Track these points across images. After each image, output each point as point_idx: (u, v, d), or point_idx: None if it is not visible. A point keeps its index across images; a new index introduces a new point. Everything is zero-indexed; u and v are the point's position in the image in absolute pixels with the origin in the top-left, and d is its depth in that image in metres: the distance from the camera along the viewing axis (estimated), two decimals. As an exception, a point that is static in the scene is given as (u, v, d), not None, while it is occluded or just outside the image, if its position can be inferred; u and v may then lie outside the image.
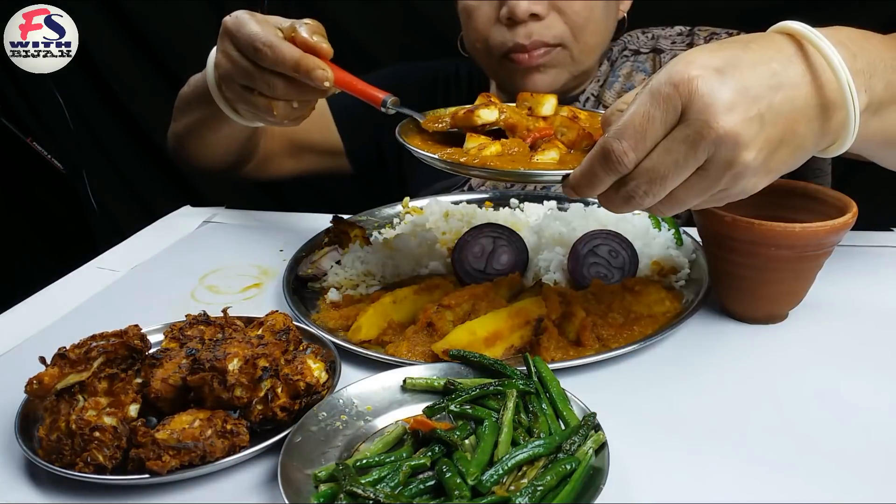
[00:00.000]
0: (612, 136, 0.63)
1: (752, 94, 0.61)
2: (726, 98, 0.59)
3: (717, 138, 0.60)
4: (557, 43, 1.25)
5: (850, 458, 0.69)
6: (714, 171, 0.62)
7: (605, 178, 0.66)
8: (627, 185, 0.65)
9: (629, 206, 0.67)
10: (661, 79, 0.61)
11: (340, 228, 1.18)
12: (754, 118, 0.60)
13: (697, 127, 0.60)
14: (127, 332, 0.74)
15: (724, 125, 0.59)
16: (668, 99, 0.61)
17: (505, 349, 0.86)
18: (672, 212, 0.69)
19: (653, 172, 0.63)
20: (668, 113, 0.61)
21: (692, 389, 0.81)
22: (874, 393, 0.79)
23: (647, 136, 0.62)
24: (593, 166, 0.66)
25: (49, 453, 0.68)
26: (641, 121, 0.62)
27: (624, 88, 1.35)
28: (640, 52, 1.37)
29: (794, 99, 0.62)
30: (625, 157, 0.63)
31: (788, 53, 0.64)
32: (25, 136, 2.32)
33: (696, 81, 0.60)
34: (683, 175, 0.63)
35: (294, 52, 0.90)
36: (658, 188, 0.64)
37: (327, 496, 0.61)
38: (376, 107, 0.95)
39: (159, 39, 2.13)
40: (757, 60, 0.62)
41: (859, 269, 1.08)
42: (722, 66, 0.61)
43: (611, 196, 0.68)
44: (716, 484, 0.66)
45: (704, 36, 1.31)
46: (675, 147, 0.62)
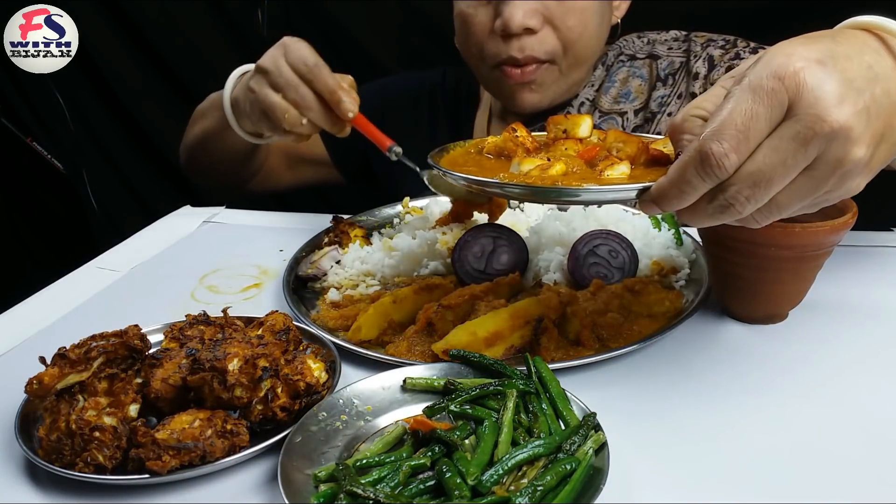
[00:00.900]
0: (710, 137, 0.58)
1: (857, 87, 0.56)
2: (835, 90, 0.55)
3: (830, 133, 0.55)
4: (548, 59, 1.26)
5: (850, 458, 0.69)
6: (823, 170, 0.58)
7: (700, 186, 0.60)
8: (726, 192, 0.59)
9: (724, 216, 0.61)
10: (762, 73, 0.57)
11: (340, 228, 1.18)
12: (862, 111, 0.56)
13: (809, 122, 0.55)
14: (127, 332, 0.74)
15: (837, 118, 0.55)
16: (774, 93, 0.56)
17: (505, 349, 0.86)
18: (768, 220, 0.63)
19: (757, 175, 0.58)
20: (773, 109, 0.56)
21: (692, 389, 0.81)
22: (874, 392, 0.79)
23: (751, 135, 0.57)
24: (685, 173, 0.60)
25: (49, 453, 0.68)
26: (744, 119, 0.56)
27: (620, 93, 1.35)
28: (636, 58, 1.36)
29: (890, 91, 0.59)
30: (726, 160, 0.57)
31: (874, 46, 0.61)
32: (25, 136, 2.33)
33: (803, 73, 0.55)
34: (790, 176, 0.58)
35: (334, 80, 1.04)
36: (762, 193, 0.59)
37: (327, 496, 0.61)
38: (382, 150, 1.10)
39: (159, 39, 2.14)
40: (851, 53, 0.58)
41: (859, 269, 1.08)
42: (823, 58, 0.56)
43: (701, 207, 0.62)
44: (715, 483, 0.66)
45: (701, 42, 1.31)
46: (783, 145, 0.57)
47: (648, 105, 1.31)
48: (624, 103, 1.34)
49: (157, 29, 2.12)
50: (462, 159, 0.88)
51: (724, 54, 1.25)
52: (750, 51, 1.24)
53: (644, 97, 1.33)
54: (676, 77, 1.30)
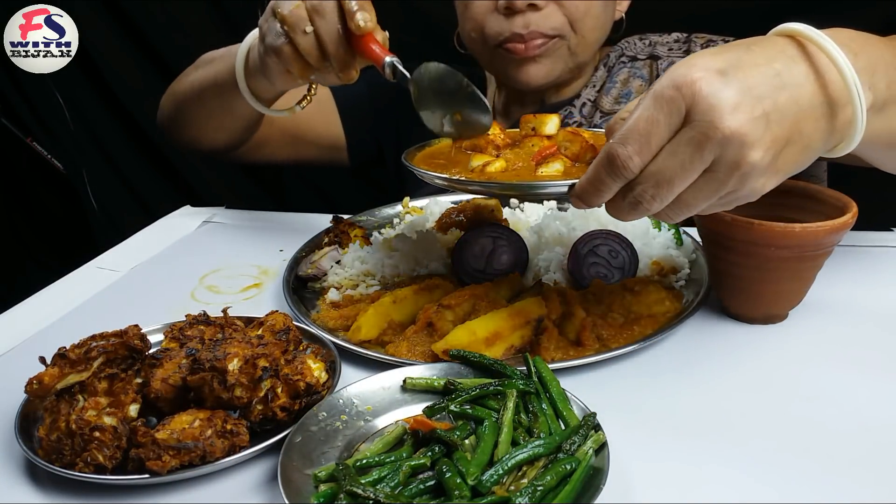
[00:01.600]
0: (617, 141, 0.63)
1: (756, 94, 0.60)
2: (730, 98, 0.59)
3: (723, 138, 0.59)
4: (556, 34, 1.24)
5: (850, 458, 0.69)
6: (721, 172, 0.62)
7: (611, 185, 0.66)
8: (634, 191, 0.65)
9: (637, 213, 0.67)
10: (664, 82, 0.61)
11: (340, 228, 1.18)
12: (759, 117, 0.60)
13: (702, 128, 0.60)
14: (127, 332, 0.74)
15: (729, 125, 0.59)
16: (672, 101, 0.60)
17: (505, 349, 0.86)
18: (680, 217, 0.68)
19: (659, 176, 0.63)
20: (671, 116, 0.61)
21: (692, 389, 0.81)
22: (874, 393, 0.79)
23: (652, 139, 0.62)
24: (599, 173, 0.66)
25: (49, 453, 0.68)
26: (645, 125, 0.62)
27: (621, 94, 1.35)
28: (637, 59, 1.36)
29: (799, 98, 0.62)
30: (630, 162, 0.63)
31: (791, 54, 0.64)
32: (25, 136, 2.33)
33: (699, 83, 0.59)
34: (690, 177, 0.63)
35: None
36: (665, 192, 0.64)
37: (327, 496, 0.61)
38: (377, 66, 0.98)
39: (159, 39, 2.13)
40: (759, 61, 0.62)
41: (859, 269, 1.08)
42: (724, 68, 0.61)
43: (618, 203, 0.68)
44: (715, 484, 0.66)
45: (701, 43, 1.31)
46: (680, 149, 0.61)
47: None
48: (625, 104, 1.34)
49: (157, 29, 2.12)
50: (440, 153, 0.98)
51: None
52: None
53: None
54: None
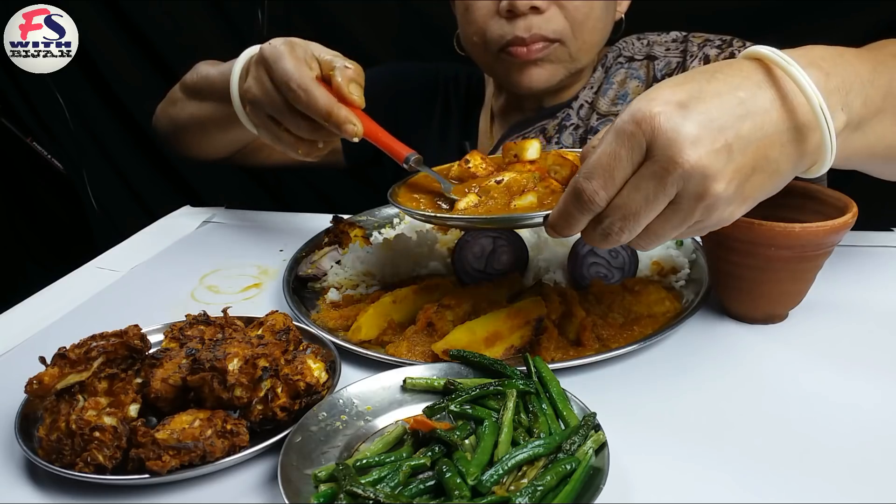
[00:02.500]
0: (583, 176, 0.64)
1: (718, 125, 0.60)
2: (690, 132, 0.59)
3: (683, 173, 0.60)
4: (556, 38, 1.24)
5: (850, 458, 0.69)
6: (686, 204, 0.62)
7: (580, 218, 0.67)
8: (602, 223, 0.66)
9: (608, 243, 0.68)
10: (625, 117, 0.62)
11: (340, 228, 1.18)
12: (721, 149, 0.60)
13: (663, 163, 0.60)
14: (127, 332, 0.74)
15: (689, 159, 0.59)
16: (632, 137, 0.61)
17: (505, 349, 0.86)
18: (652, 245, 0.68)
19: (625, 209, 0.64)
20: (633, 151, 0.61)
21: (692, 389, 0.81)
22: (874, 393, 0.79)
23: (616, 174, 0.62)
24: (567, 206, 0.67)
25: (49, 453, 0.68)
26: (608, 160, 0.62)
27: (618, 95, 1.34)
28: (634, 59, 1.36)
29: (763, 125, 0.62)
30: (596, 196, 0.64)
31: (756, 80, 0.64)
32: (25, 136, 2.33)
33: (659, 118, 0.60)
34: (656, 210, 0.63)
35: (327, 100, 0.89)
36: (632, 224, 0.64)
37: (327, 496, 0.61)
38: (398, 162, 0.94)
39: (159, 39, 2.13)
40: (722, 90, 0.62)
41: (859, 269, 1.08)
42: (685, 100, 0.61)
43: (590, 233, 0.69)
44: (715, 484, 0.66)
45: (698, 42, 1.31)
46: (643, 184, 0.62)
47: None
48: (622, 105, 1.33)
49: (157, 29, 2.12)
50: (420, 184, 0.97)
51: (719, 54, 1.25)
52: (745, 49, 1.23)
53: None
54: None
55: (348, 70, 0.93)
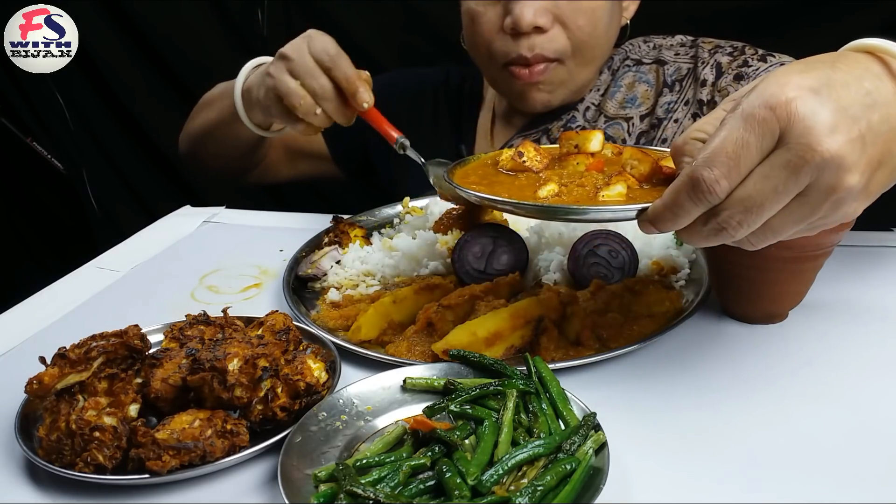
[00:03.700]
0: (702, 163, 0.59)
1: (851, 114, 0.57)
2: (827, 119, 0.56)
3: (821, 162, 0.56)
4: (558, 57, 1.25)
5: (850, 458, 0.69)
6: (815, 197, 0.59)
7: (692, 210, 0.62)
8: (719, 216, 0.61)
9: (719, 238, 0.63)
10: (755, 102, 0.58)
11: (340, 228, 1.18)
12: (857, 139, 0.57)
13: (799, 151, 0.56)
14: (127, 332, 0.74)
15: (828, 148, 0.56)
16: (765, 122, 0.57)
17: (505, 349, 0.86)
18: (763, 243, 0.64)
19: (749, 201, 0.59)
20: (764, 138, 0.57)
21: (692, 389, 0.81)
22: (874, 392, 0.79)
23: (742, 162, 0.58)
24: (679, 197, 0.62)
25: (49, 453, 0.68)
26: (735, 147, 0.58)
27: (626, 98, 1.34)
28: (642, 63, 1.35)
29: (889, 117, 0.59)
30: (717, 186, 0.59)
31: (876, 71, 0.61)
32: (25, 136, 2.33)
33: (795, 103, 0.56)
34: (782, 202, 0.59)
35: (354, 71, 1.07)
36: (754, 217, 0.60)
37: (327, 496, 0.61)
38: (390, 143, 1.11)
39: (159, 39, 2.14)
40: (849, 79, 0.59)
41: (859, 269, 1.08)
42: (817, 87, 0.57)
43: (696, 229, 0.64)
44: (715, 484, 0.66)
45: (709, 49, 1.30)
46: (774, 173, 0.58)
47: (655, 111, 1.31)
48: (630, 108, 1.33)
49: (157, 29, 2.12)
50: (477, 172, 0.92)
51: (731, 61, 1.25)
52: (758, 58, 1.23)
53: (650, 103, 1.32)
54: (683, 83, 1.29)
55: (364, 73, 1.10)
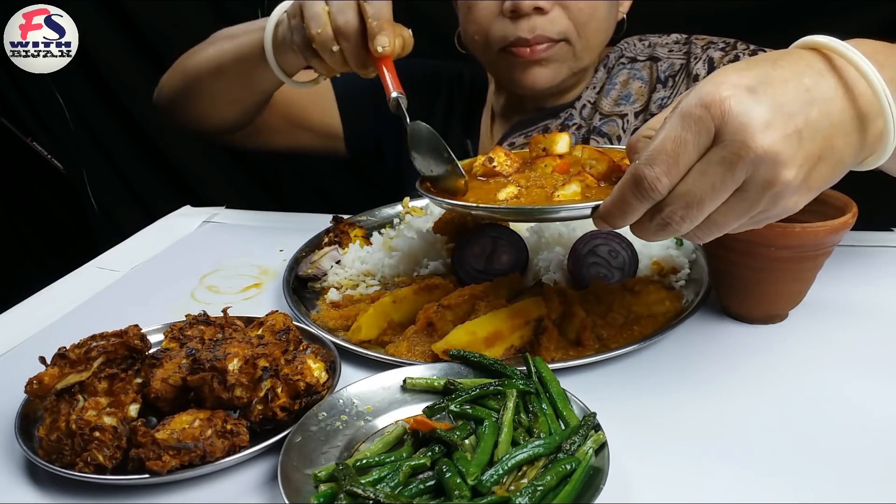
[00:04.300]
0: (644, 162, 0.62)
1: (788, 111, 0.59)
2: (762, 116, 0.58)
3: (755, 158, 0.58)
4: (561, 38, 1.24)
5: (850, 458, 0.69)
6: (753, 191, 0.60)
7: (637, 206, 0.64)
8: (662, 212, 0.63)
9: (665, 234, 0.65)
10: (692, 101, 0.60)
11: (340, 228, 1.18)
12: (792, 135, 0.58)
13: (734, 148, 0.58)
14: (127, 332, 0.74)
15: (762, 144, 0.57)
16: (700, 121, 0.59)
17: (505, 349, 0.86)
18: (709, 237, 0.66)
19: (689, 197, 0.61)
20: (700, 135, 0.59)
21: (692, 389, 0.81)
22: (874, 393, 0.79)
23: (681, 160, 0.60)
24: (625, 194, 0.64)
25: (49, 453, 0.68)
26: (673, 145, 0.60)
27: (621, 96, 1.34)
28: (637, 60, 1.36)
29: (829, 113, 0.60)
30: (658, 183, 0.61)
31: (819, 68, 0.62)
32: (25, 136, 2.33)
33: (729, 101, 0.58)
34: (721, 198, 0.61)
35: (388, 12, 1.03)
36: (695, 213, 0.62)
37: (327, 496, 0.61)
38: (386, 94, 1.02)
39: (159, 39, 2.13)
40: (788, 76, 0.60)
41: (859, 269, 1.08)
42: (753, 85, 0.59)
43: (644, 224, 0.66)
44: (715, 484, 0.66)
45: (702, 45, 1.30)
46: (710, 169, 0.60)
47: (648, 107, 1.31)
48: (624, 105, 1.33)
49: (157, 29, 2.12)
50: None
51: (723, 56, 1.25)
52: (749, 52, 1.23)
53: (644, 99, 1.32)
54: (676, 79, 1.30)
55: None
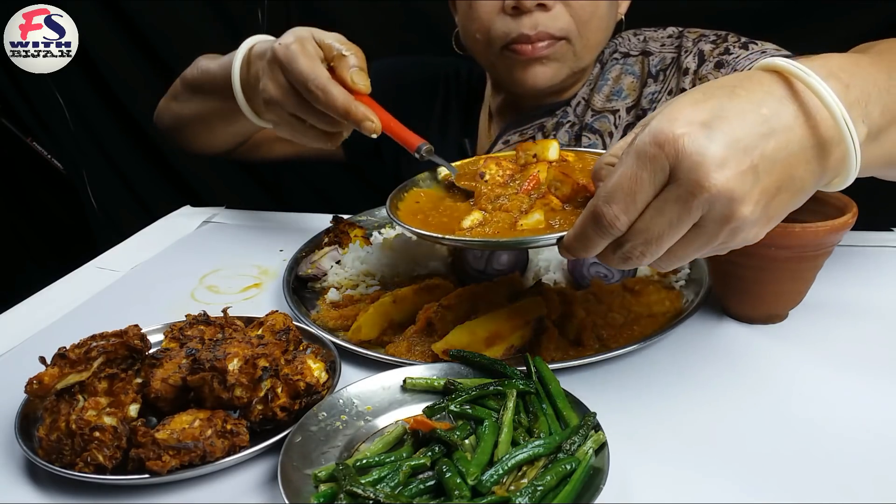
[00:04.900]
0: (602, 199, 0.62)
1: (743, 146, 0.58)
2: (716, 154, 0.57)
3: (710, 197, 0.58)
4: (562, 36, 1.24)
5: (850, 458, 0.69)
6: (711, 227, 0.61)
7: (598, 242, 0.65)
8: (623, 247, 0.64)
9: (628, 265, 0.66)
10: (646, 138, 0.59)
11: (340, 228, 1.18)
12: (747, 171, 0.58)
13: (689, 187, 0.58)
14: (127, 332, 0.74)
15: (715, 183, 0.57)
16: (655, 160, 0.59)
17: (505, 349, 0.86)
18: (672, 266, 0.67)
19: (647, 233, 0.62)
20: (655, 174, 0.59)
21: (692, 389, 0.81)
22: (874, 393, 0.79)
23: (637, 198, 0.61)
24: (586, 230, 0.65)
25: (49, 453, 0.68)
26: (629, 183, 0.60)
27: (612, 91, 1.34)
28: (629, 55, 1.35)
29: (788, 143, 0.60)
30: (616, 221, 0.62)
31: (779, 95, 0.61)
32: (25, 136, 2.33)
33: (682, 140, 0.57)
34: (679, 233, 0.62)
35: (344, 98, 0.93)
36: (654, 248, 0.63)
37: (327, 496, 0.61)
38: (410, 151, 0.97)
39: (159, 39, 2.13)
40: (745, 108, 0.60)
41: (859, 269, 1.08)
42: (708, 119, 0.58)
43: (608, 256, 0.67)
44: (715, 484, 0.66)
45: (693, 38, 1.30)
46: (667, 207, 0.60)
47: (640, 102, 1.31)
48: (616, 101, 1.33)
49: (157, 29, 2.12)
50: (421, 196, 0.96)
51: (713, 49, 1.24)
52: (740, 45, 1.23)
53: (636, 94, 1.32)
54: (667, 73, 1.29)
55: (350, 58, 0.96)
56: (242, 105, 1.09)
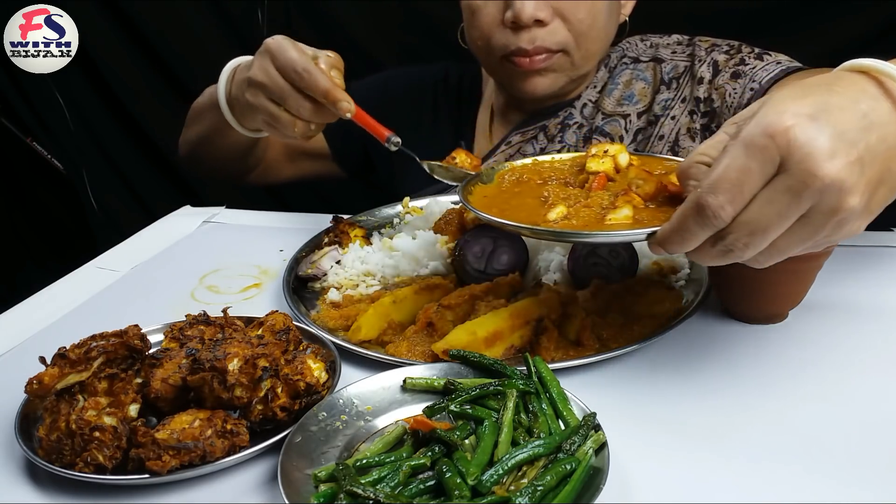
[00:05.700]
0: (707, 190, 0.62)
1: (849, 138, 0.59)
2: (826, 145, 0.58)
3: (822, 187, 0.58)
4: (560, 49, 1.25)
5: (851, 458, 0.69)
6: (818, 219, 0.61)
7: (699, 234, 0.64)
8: (725, 239, 0.63)
9: (727, 259, 0.65)
10: (755, 130, 0.60)
11: (340, 228, 1.18)
12: (855, 162, 0.59)
13: (801, 176, 0.58)
14: (127, 332, 0.74)
15: (828, 173, 0.58)
16: (765, 150, 0.59)
17: (505, 349, 0.86)
18: (771, 261, 0.66)
19: (753, 224, 0.62)
20: (765, 164, 0.59)
21: (692, 389, 0.81)
22: (874, 392, 0.79)
23: (745, 188, 0.60)
24: (686, 221, 0.64)
25: (49, 453, 0.68)
26: (738, 174, 0.60)
27: (623, 96, 1.35)
28: (639, 61, 1.36)
29: (886, 137, 0.61)
30: (722, 212, 0.61)
31: (872, 92, 0.63)
32: (25, 136, 2.33)
33: (793, 130, 0.58)
34: (786, 224, 0.62)
35: (326, 80, 1.02)
36: (759, 239, 0.62)
37: (327, 496, 0.61)
38: (381, 142, 1.08)
39: (159, 39, 2.14)
40: (844, 104, 0.61)
41: (859, 269, 1.08)
42: (814, 113, 0.59)
43: (705, 250, 0.66)
44: (716, 484, 0.66)
45: (706, 47, 1.31)
46: (777, 198, 0.60)
47: (652, 108, 1.32)
48: (627, 105, 1.34)
49: (157, 29, 2.12)
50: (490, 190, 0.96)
51: (728, 59, 1.25)
52: (754, 56, 1.23)
53: (647, 100, 1.33)
54: (681, 81, 1.30)
55: (330, 58, 1.07)
56: (226, 112, 1.16)
